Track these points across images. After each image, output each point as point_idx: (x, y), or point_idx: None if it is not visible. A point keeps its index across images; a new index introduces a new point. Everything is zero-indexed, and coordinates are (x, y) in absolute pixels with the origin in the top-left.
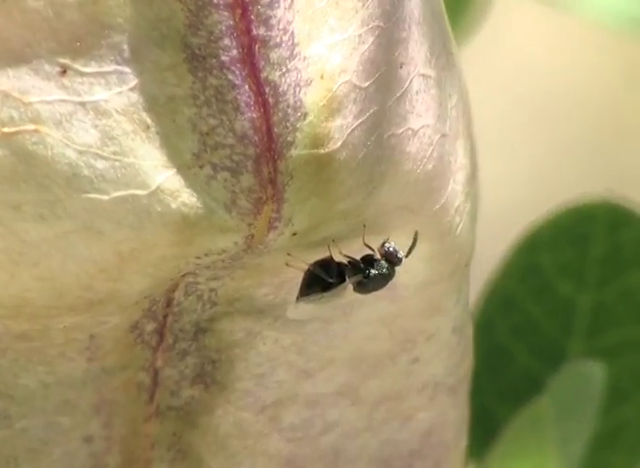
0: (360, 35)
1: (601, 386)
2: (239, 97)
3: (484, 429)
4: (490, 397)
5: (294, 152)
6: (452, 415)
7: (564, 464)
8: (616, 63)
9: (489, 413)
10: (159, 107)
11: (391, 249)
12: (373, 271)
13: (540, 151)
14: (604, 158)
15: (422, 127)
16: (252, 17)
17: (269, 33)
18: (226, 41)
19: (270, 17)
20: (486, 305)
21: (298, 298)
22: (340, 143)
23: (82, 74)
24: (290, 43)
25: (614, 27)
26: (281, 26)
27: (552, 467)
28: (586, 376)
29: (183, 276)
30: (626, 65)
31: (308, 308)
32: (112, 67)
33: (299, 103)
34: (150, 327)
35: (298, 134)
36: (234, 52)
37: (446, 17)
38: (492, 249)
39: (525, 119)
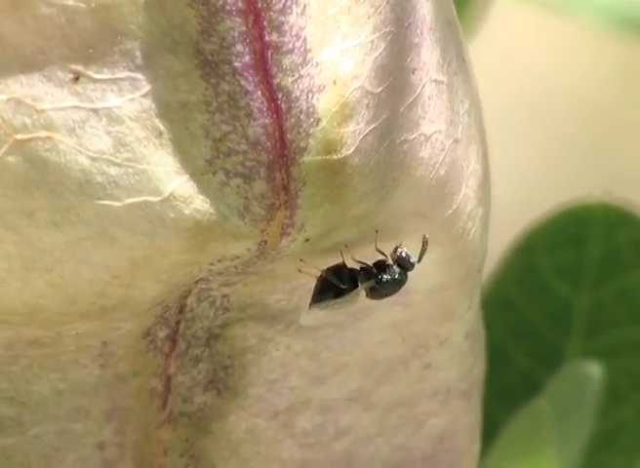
0: (372, 41)
1: (599, 387)
2: (252, 103)
3: (482, 430)
4: (488, 398)
5: (306, 158)
6: (464, 420)
7: (562, 465)
8: (611, 64)
9: (487, 414)
10: (172, 114)
11: (404, 254)
12: (385, 277)
13: (536, 152)
14: (601, 159)
15: (435, 132)
16: (264, 23)
17: (282, 39)
18: (239, 47)
19: (283, 23)
20: (483, 306)
21: (310, 305)
22: (352, 149)
23: (94, 81)
24: (302, 49)
25: (608, 29)
26: (294, 32)
27: None
28: (584, 377)
29: (196, 282)
30: (622, 66)
31: (321, 314)
32: (125, 74)
33: (311, 109)
34: (163, 333)
35: (310, 140)
36: (247, 58)
37: (458, 22)
38: (489, 250)
39: (521, 120)
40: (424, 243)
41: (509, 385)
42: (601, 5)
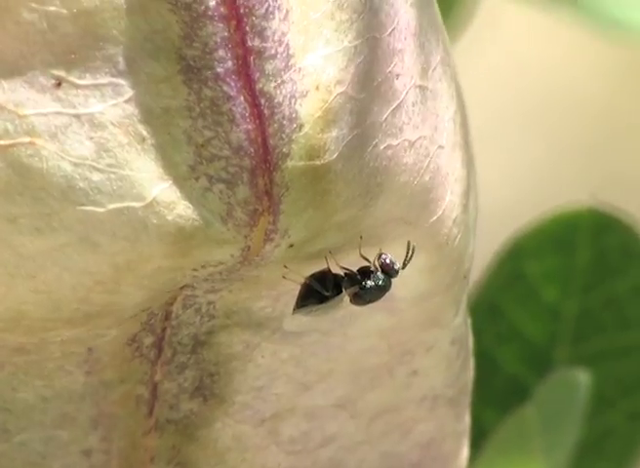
0: (356, 46)
1: (586, 393)
2: (234, 108)
3: (470, 436)
4: (476, 403)
5: (289, 164)
6: (451, 427)
7: None
8: (607, 64)
9: (475, 421)
10: (154, 119)
11: (387, 260)
12: (369, 282)
13: (528, 155)
14: (599, 161)
15: (419, 138)
16: (247, 28)
17: (264, 45)
18: (221, 52)
19: (265, 28)
20: (471, 313)
21: (294, 310)
22: (335, 155)
23: (77, 86)
24: (285, 54)
25: (602, 30)
26: (276, 38)
27: None
28: (572, 384)
29: (181, 289)
30: (618, 66)
31: (305, 319)
32: (107, 79)
33: (294, 115)
34: (149, 340)
35: (293, 145)
36: (229, 63)
37: (443, 28)
38: (477, 256)
39: (513, 122)
40: (409, 249)
41: (497, 391)
42: (593, 7)
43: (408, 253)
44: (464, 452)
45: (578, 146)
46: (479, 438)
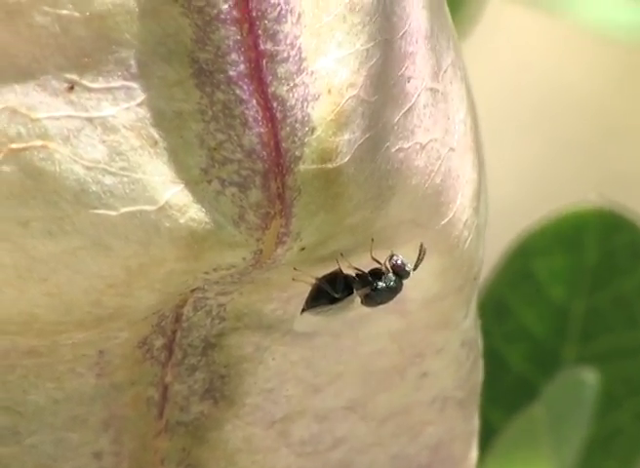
0: (368, 49)
1: (594, 392)
2: (247, 112)
3: (478, 436)
4: (484, 403)
5: (302, 167)
6: (461, 429)
7: None
8: (607, 64)
9: (483, 420)
10: (167, 123)
11: (399, 262)
12: (380, 284)
13: (529, 154)
14: (599, 160)
15: (430, 141)
16: (259, 31)
17: (277, 48)
18: (234, 56)
19: (278, 31)
20: (479, 312)
21: (303, 309)
22: (348, 158)
23: (89, 90)
24: (297, 58)
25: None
26: (288, 41)
27: None
28: (580, 383)
29: (192, 291)
30: (618, 66)
31: (314, 320)
32: (120, 83)
33: (306, 118)
34: (159, 342)
35: (306, 148)
36: (242, 67)
37: (454, 30)
38: (485, 255)
39: (514, 121)
40: (422, 251)
41: (506, 390)
42: (594, 11)
43: (420, 254)
44: (474, 454)
45: (580, 145)
46: (487, 437)
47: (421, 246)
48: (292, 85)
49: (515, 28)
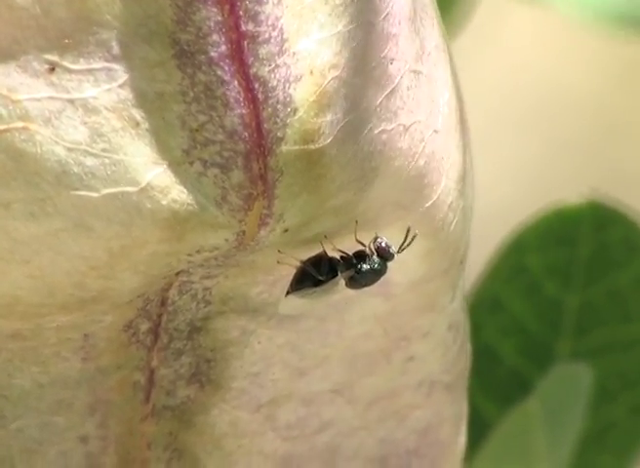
0: (350, 31)
1: (588, 387)
2: (228, 93)
3: (472, 430)
4: (477, 397)
5: (284, 148)
6: (448, 413)
7: (552, 465)
8: (605, 62)
9: (477, 414)
10: (148, 104)
11: (383, 244)
12: (365, 266)
13: (526, 152)
14: (598, 159)
15: (414, 123)
16: (240, 12)
17: (258, 29)
18: (215, 37)
19: (259, 12)
20: (473, 306)
21: (288, 292)
22: (330, 139)
23: (70, 71)
24: (279, 39)
25: (598, 25)
26: (270, 22)
27: None
28: (574, 377)
29: (177, 275)
30: (616, 64)
31: (299, 303)
32: (101, 64)
33: (288, 99)
34: (145, 326)
35: (288, 129)
36: (223, 48)
37: (438, 12)
38: (479, 249)
39: (512, 119)
40: (409, 235)
41: (499, 384)
42: (588, 2)
43: (406, 237)
44: (462, 439)
45: (576, 143)
46: (481, 431)
47: (408, 229)
48: (273, 66)
49: (511, 24)
